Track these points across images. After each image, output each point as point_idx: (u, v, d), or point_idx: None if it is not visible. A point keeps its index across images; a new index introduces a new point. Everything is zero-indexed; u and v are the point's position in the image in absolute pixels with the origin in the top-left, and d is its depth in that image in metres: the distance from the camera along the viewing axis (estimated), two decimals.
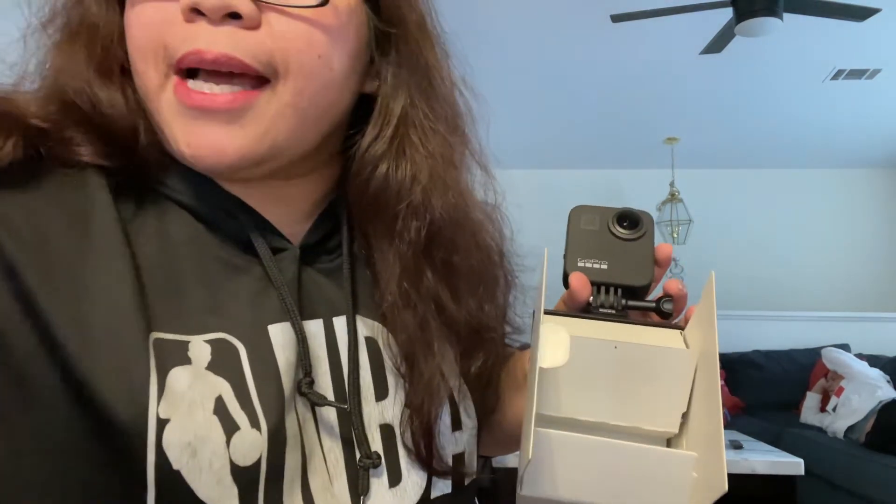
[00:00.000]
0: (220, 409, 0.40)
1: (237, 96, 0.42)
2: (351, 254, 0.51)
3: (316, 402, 0.44)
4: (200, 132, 0.42)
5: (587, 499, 0.44)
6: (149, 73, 0.42)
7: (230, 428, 0.40)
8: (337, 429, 0.45)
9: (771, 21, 2.94)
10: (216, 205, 0.46)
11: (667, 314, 0.50)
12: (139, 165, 0.45)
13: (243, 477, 0.40)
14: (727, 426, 3.93)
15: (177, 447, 0.38)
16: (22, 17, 0.45)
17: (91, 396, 0.38)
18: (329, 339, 0.48)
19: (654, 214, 5.45)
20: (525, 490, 0.44)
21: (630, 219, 0.53)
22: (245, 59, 0.41)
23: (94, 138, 0.43)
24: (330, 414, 0.45)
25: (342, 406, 0.45)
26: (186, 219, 0.46)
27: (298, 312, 0.45)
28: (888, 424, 3.24)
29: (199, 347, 0.41)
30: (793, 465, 2.56)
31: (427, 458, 0.47)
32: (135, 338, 0.39)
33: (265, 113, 0.42)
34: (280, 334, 0.44)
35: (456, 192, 0.51)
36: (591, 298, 0.49)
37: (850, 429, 3.47)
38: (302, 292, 0.47)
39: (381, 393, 0.48)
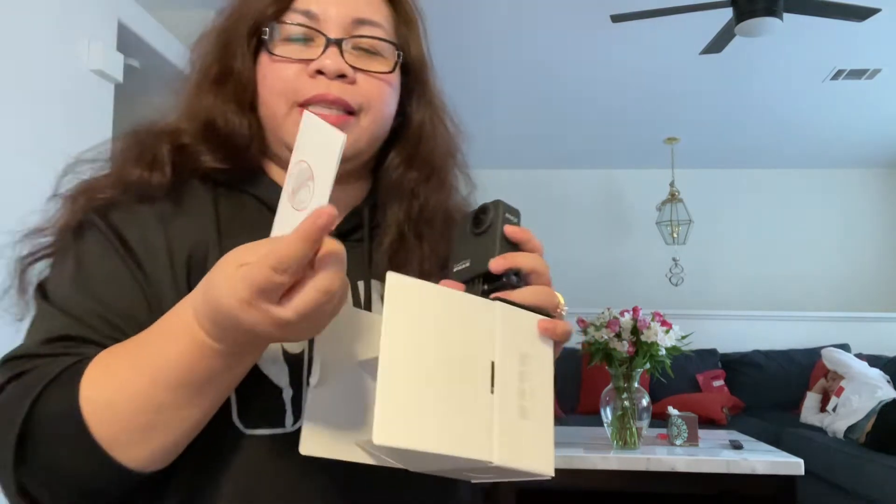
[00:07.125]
0: None
1: (339, 117, 0.69)
2: (370, 239, 0.75)
3: None
4: None
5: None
6: (280, 105, 0.69)
7: None
8: None
9: (771, 21, 2.94)
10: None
11: (513, 285, 0.60)
12: (238, 171, 0.70)
13: (291, 360, 0.65)
14: (727, 426, 3.93)
15: None
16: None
17: None
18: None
19: (654, 214, 5.47)
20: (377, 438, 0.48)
21: (478, 215, 0.63)
22: (348, 100, 0.69)
23: (216, 149, 0.69)
24: None
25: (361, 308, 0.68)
26: (259, 206, 0.71)
27: None
28: (888, 424, 3.25)
29: None
30: (793, 465, 2.56)
31: None
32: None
33: (353, 130, 0.69)
34: None
35: (445, 188, 0.78)
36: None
37: (850, 429, 3.47)
38: None
39: None
